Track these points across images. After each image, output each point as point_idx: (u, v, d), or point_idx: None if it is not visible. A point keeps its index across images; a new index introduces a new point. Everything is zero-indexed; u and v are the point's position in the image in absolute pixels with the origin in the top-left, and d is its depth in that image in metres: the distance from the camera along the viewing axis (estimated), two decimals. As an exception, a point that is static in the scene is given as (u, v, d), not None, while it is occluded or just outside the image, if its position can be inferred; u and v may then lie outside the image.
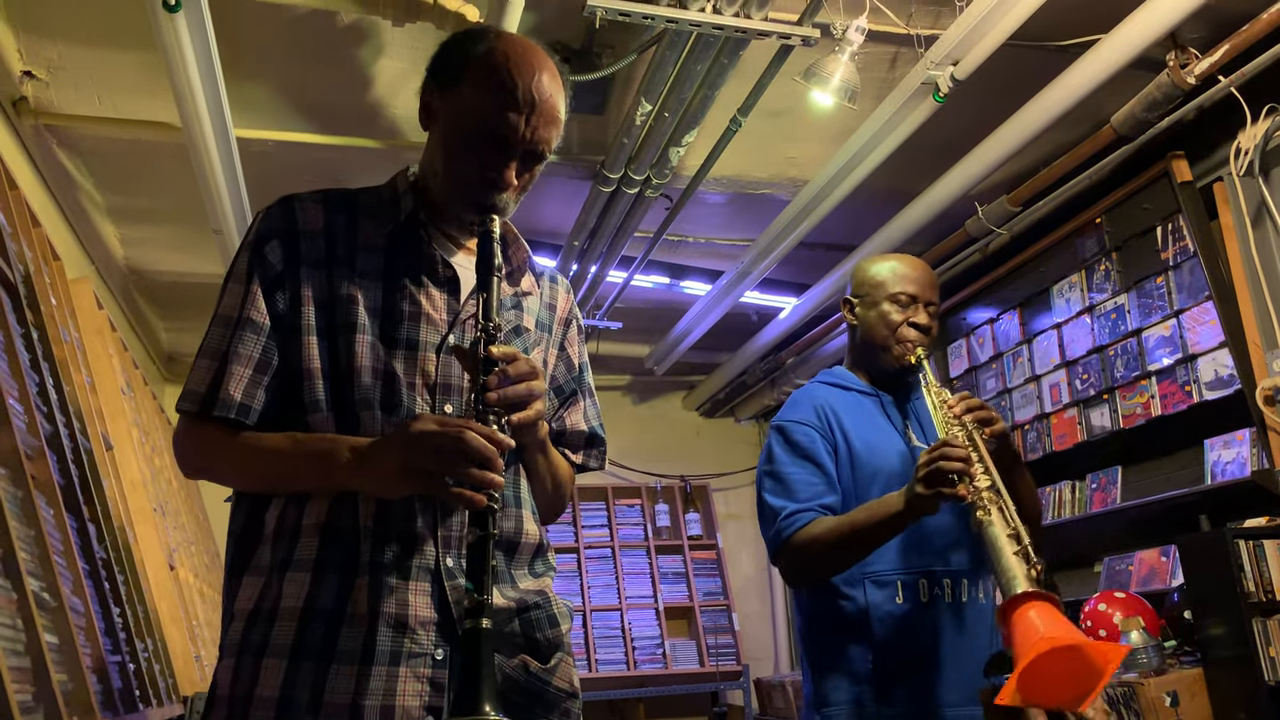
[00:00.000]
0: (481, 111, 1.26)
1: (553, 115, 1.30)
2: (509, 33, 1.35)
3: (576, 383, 1.49)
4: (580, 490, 6.14)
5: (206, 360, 1.25)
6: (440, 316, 1.31)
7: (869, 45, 3.15)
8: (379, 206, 1.36)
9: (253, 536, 1.25)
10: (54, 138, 3.52)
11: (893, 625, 1.76)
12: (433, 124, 1.34)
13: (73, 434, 2.01)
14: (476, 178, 1.28)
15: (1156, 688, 2.93)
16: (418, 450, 1.13)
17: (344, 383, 1.25)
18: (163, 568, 2.57)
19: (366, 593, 1.18)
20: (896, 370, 1.94)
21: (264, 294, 1.27)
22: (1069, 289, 4.08)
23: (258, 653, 1.18)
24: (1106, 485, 3.90)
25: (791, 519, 1.79)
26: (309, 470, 1.21)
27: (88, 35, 3.06)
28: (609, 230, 4.09)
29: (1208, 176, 3.45)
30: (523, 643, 1.28)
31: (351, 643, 1.17)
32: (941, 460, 1.61)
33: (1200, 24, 3.04)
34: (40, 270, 2.36)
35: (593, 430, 1.50)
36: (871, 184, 3.72)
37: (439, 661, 1.19)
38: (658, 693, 5.56)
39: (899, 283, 1.95)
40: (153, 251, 4.55)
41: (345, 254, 1.30)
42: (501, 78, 1.27)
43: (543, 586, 1.34)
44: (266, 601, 1.20)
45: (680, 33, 2.84)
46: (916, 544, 1.80)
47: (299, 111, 3.52)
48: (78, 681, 1.47)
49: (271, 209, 1.34)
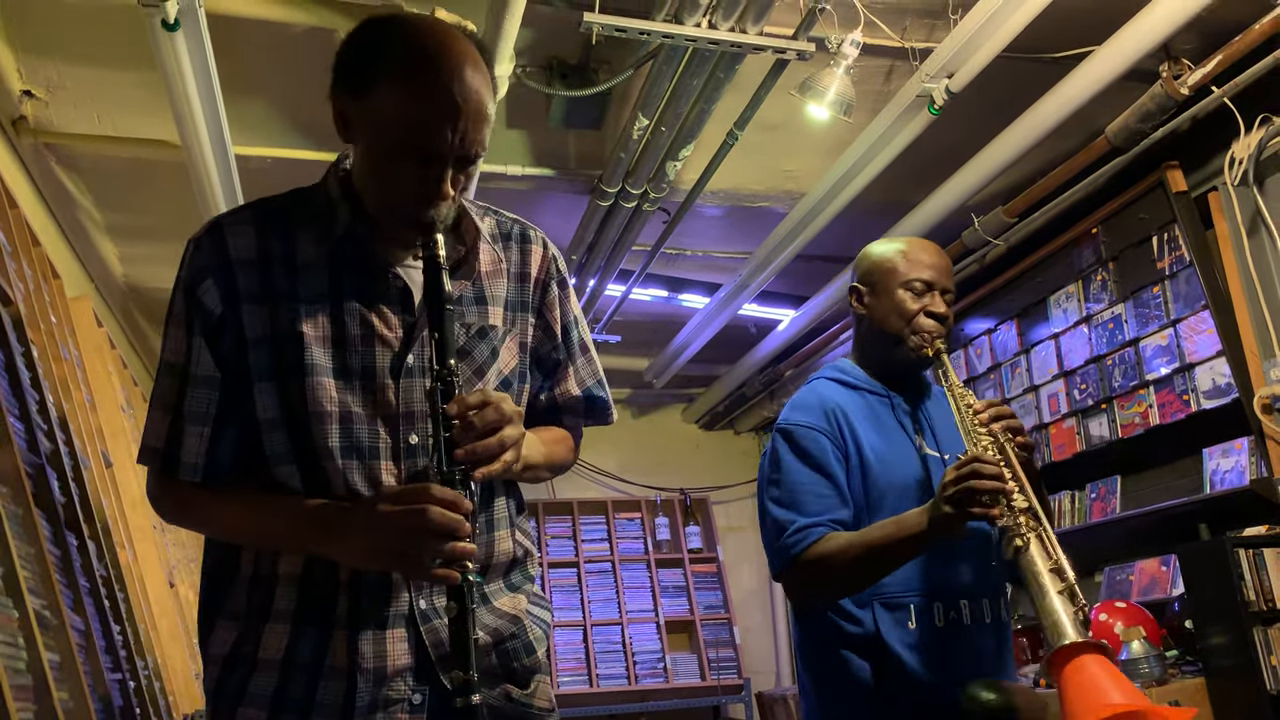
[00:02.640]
0: (403, 123, 1.15)
1: (481, 114, 1.17)
2: (418, 20, 1.21)
3: (562, 348, 1.39)
4: (580, 504, 6.14)
5: (159, 413, 1.22)
6: (394, 334, 1.23)
7: (864, 58, 3.17)
8: (314, 216, 1.26)
9: (226, 578, 1.24)
10: (53, 156, 3.53)
11: (903, 651, 1.63)
12: (351, 133, 1.21)
13: (73, 452, 2.02)
14: (409, 193, 1.18)
15: (1158, 698, 2.92)
16: (382, 533, 1.11)
17: (301, 430, 1.19)
18: (162, 585, 2.57)
19: (344, 645, 1.18)
20: (913, 364, 1.78)
21: (208, 344, 1.21)
22: (1066, 299, 4.09)
23: (234, 699, 1.18)
24: (1106, 495, 3.90)
25: (801, 535, 1.64)
26: (279, 541, 1.20)
27: (87, 54, 3.07)
28: (607, 244, 4.10)
29: (1203, 186, 3.46)
30: (502, 674, 1.28)
31: (331, 696, 1.17)
32: (974, 479, 1.45)
33: (1193, 35, 3.05)
34: (40, 289, 2.37)
35: (588, 392, 1.40)
36: (868, 196, 3.74)
37: (416, 706, 1.18)
38: (659, 707, 5.54)
39: (914, 268, 1.77)
40: (152, 269, 4.55)
41: (286, 283, 1.22)
42: (420, 84, 1.15)
43: (517, 608, 1.30)
44: (245, 648, 1.19)
45: (676, 48, 2.85)
46: (931, 561, 1.66)
47: (298, 128, 3.54)
48: (78, 700, 1.47)
49: (201, 240, 1.24)
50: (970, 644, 1.67)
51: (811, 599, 1.72)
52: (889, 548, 1.58)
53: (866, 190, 3.65)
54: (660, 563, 6.07)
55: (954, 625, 1.66)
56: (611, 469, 6.43)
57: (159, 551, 2.62)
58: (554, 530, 6.05)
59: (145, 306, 4.93)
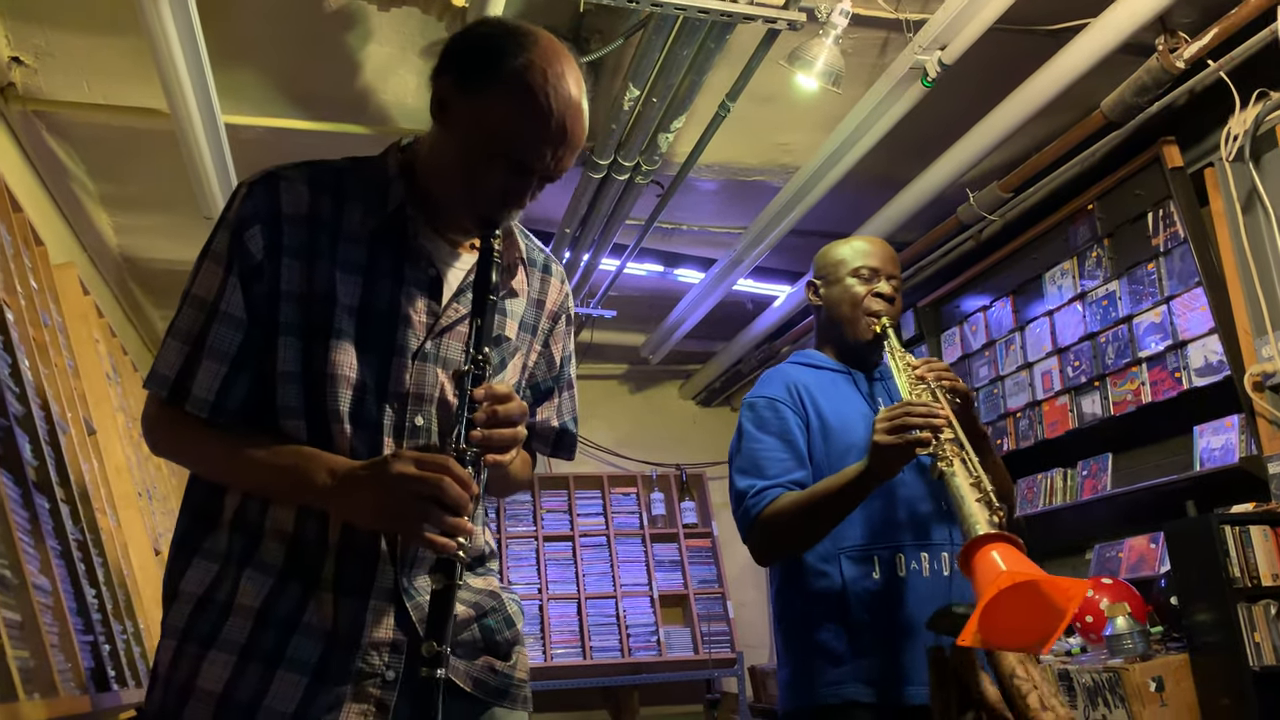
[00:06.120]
0: (511, 132, 1.19)
1: (578, 144, 1.24)
2: (544, 39, 1.24)
3: (555, 380, 1.46)
4: (576, 478, 6.16)
5: (177, 342, 1.22)
6: (420, 319, 1.26)
7: (859, 31, 3.14)
8: (367, 189, 1.29)
9: (210, 518, 1.24)
10: (43, 124, 3.52)
11: (869, 601, 1.75)
12: (447, 120, 1.24)
13: (48, 416, 2.02)
14: (491, 194, 1.23)
15: (1142, 673, 2.93)
16: (394, 493, 1.11)
17: (316, 388, 1.21)
18: (147, 551, 2.58)
19: (326, 608, 1.18)
20: (864, 343, 1.93)
21: (243, 287, 1.21)
22: (1061, 276, 4.07)
23: (204, 643, 1.17)
24: (1097, 472, 3.90)
25: (759, 496, 1.78)
26: (282, 484, 1.19)
27: (75, 21, 3.05)
28: (600, 217, 4.08)
29: (1199, 162, 3.43)
30: (483, 645, 1.30)
31: (302, 653, 1.17)
32: (906, 415, 1.61)
33: (1189, 8, 3.02)
34: (20, 254, 2.37)
35: (563, 426, 1.47)
36: (863, 171, 3.72)
37: (389, 682, 1.19)
38: (652, 680, 5.57)
39: (860, 258, 1.96)
40: (146, 239, 4.55)
41: (328, 245, 1.24)
42: (539, 103, 1.19)
43: (491, 586, 1.34)
44: (220, 592, 1.19)
45: (666, 17, 2.83)
46: (890, 519, 1.79)
47: (288, 98, 3.52)
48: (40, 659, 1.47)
49: (255, 186, 1.26)
50: (933, 592, 1.76)
51: (773, 554, 1.85)
52: (836, 493, 1.70)
53: (861, 165, 3.63)
54: (655, 537, 6.08)
55: (914, 575, 1.77)
56: (608, 444, 6.45)
57: (144, 519, 2.63)
58: (550, 504, 6.08)
59: (139, 276, 4.93)
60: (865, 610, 1.74)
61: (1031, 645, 1.40)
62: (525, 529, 5.92)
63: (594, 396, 6.47)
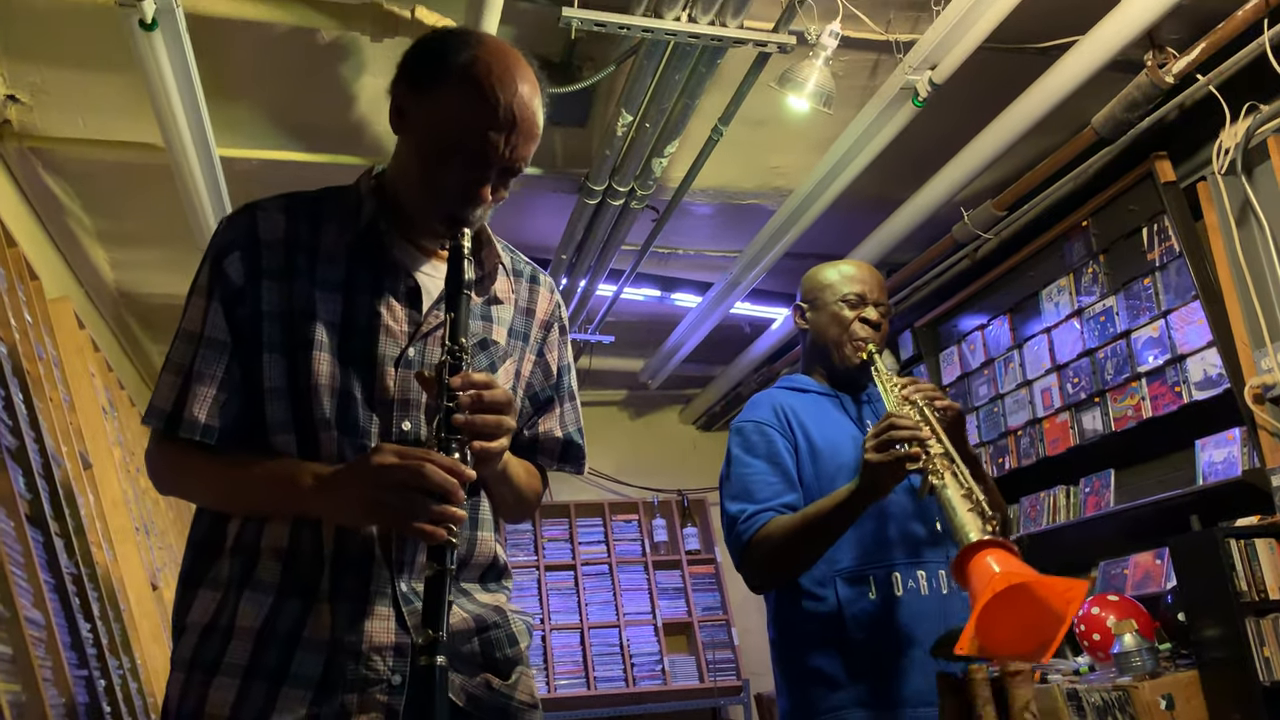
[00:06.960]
0: (461, 125, 1.23)
1: (532, 132, 1.27)
2: (490, 38, 1.31)
3: (554, 389, 1.46)
4: (577, 506, 6.13)
5: (171, 376, 1.24)
6: (400, 329, 1.28)
7: (850, 53, 3.16)
8: (342, 211, 1.33)
9: (213, 548, 1.25)
10: (39, 160, 3.53)
11: (866, 621, 1.73)
12: (405, 127, 1.30)
13: (43, 450, 2.01)
14: (452, 191, 1.25)
15: (1151, 691, 2.90)
16: (378, 484, 1.12)
17: (303, 401, 1.23)
18: (144, 586, 2.55)
19: (325, 619, 1.18)
20: (852, 368, 1.93)
21: (225, 311, 1.25)
22: (1058, 293, 4.08)
23: (209, 669, 1.17)
24: (1100, 489, 3.88)
25: (750, 520, 1.76)
26: (273, 494, 1.21)
27: (70, 58, 3.07)
28: (596, 243, 4.09)
29: (1191, 176, 3.44)
30: (482, 661, 1.28)
31: (307, 668, 1.16)
32: (891, 430, 1.60)
33: (1177, 23, 3.04)
34: (14, 288, 2.36)
35: (569, 437, 1.46)
36: (857, 192, 3.73)
37: (395, 687, 1.18)
38: (657, 709, 5.51)
39: (847, 284, 1.96)
40: (142, 273, 4.56)
41: (306, 265, 1.28)
42: (484, 92, 1.23)
43: (498, 602, 1.33)
44: (222, 618, 1.19)
45: (657, 42, 2.85)
46: (883, 539, 1.78)
47: (282, 130, 3.54)
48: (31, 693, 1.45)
49: (234, 217, 1.31)
50: (931, 610, 1.75)
51: (766, 579, 1.82)
52: (827, 515, 1.68)
53: (855, 185, 3.64)
54: (658, 564, 6.04)
55: (913, 594, 1.75)
56: (608, 471, 6.42)
57: (141, 553, 2.61)
58: (551, 533, 6.04)
59: (136, 311, 4.93)
60: (862, 630, 1.72)
61: (1032, 653, 1.36)
62: (526, 558, 5.88)
63: (594, 423, 6.37)
